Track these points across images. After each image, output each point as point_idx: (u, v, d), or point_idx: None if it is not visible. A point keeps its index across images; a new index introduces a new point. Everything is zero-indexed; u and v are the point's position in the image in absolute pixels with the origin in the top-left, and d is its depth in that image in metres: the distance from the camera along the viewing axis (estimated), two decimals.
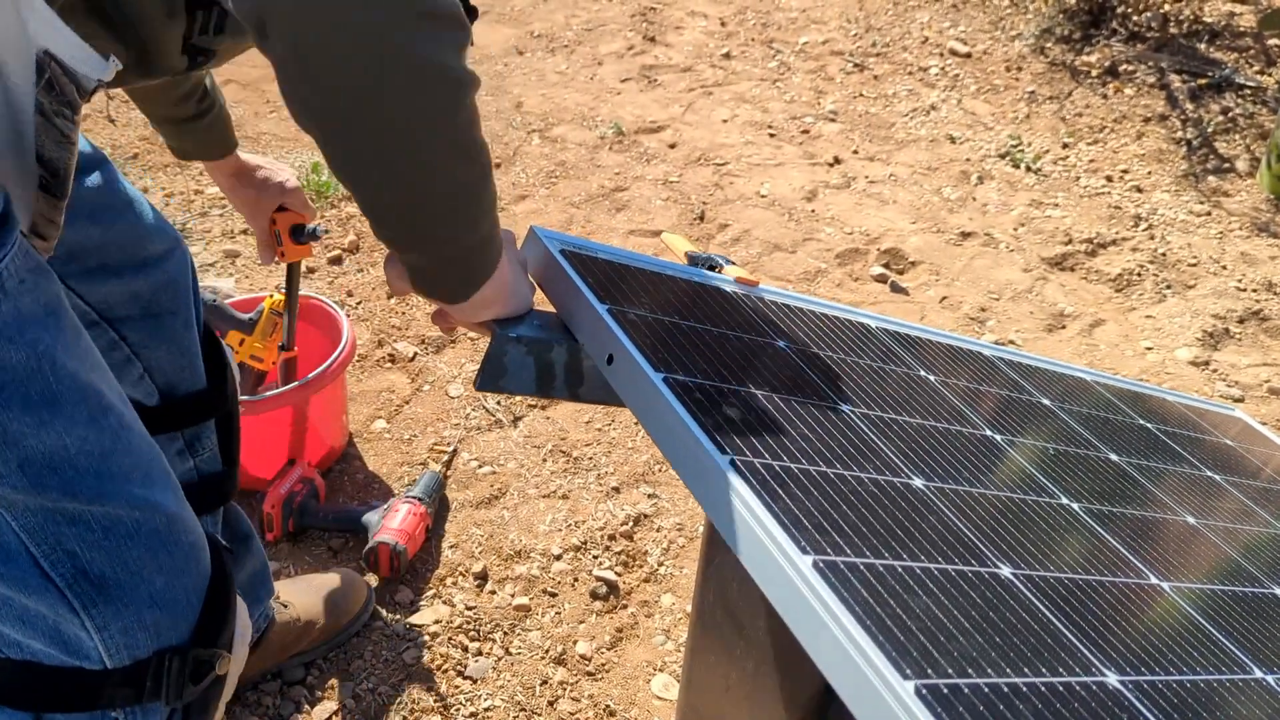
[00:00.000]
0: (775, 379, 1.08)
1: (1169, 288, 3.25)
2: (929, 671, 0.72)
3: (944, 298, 3.09)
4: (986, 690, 0.74)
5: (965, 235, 3.43)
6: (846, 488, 0.93)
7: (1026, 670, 0.79)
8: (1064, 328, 3.04)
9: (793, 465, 0.91)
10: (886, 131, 4.11)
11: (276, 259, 1.82)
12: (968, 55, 4.74)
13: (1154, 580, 1.07)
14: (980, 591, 0.87)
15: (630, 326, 1.03)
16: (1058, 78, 4.57)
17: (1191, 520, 1.30)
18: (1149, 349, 2.96)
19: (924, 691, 0.70)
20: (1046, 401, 1.48)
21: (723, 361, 1.05)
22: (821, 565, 0.79)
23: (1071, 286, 3.24)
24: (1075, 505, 1.16)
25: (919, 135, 4.10)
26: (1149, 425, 1.63)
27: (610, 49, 4.65)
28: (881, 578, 0.81)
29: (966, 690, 0.73)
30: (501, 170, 3.57)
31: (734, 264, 1.35)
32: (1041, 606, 0.89)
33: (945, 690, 0.72)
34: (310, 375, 2.04)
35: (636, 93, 4.25)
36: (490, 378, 1.02)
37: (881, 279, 3.15)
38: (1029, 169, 3.88)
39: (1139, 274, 3.30)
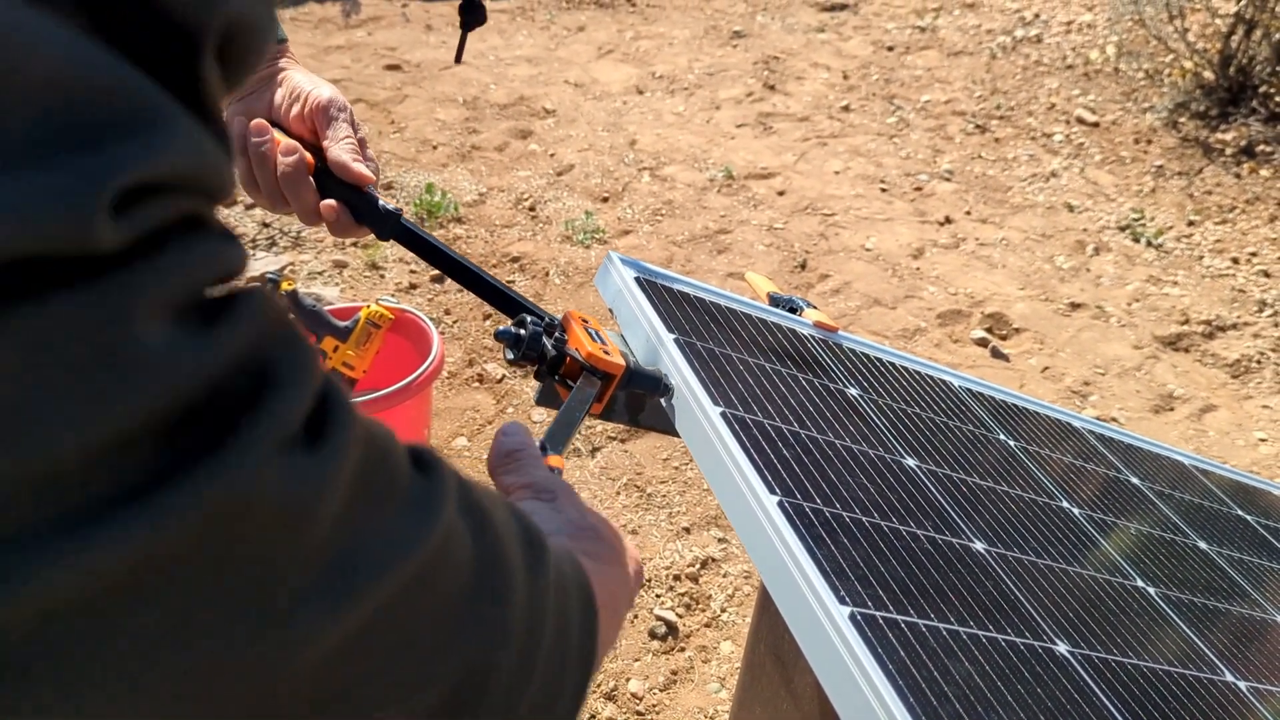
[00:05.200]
0: (840, 425, 1.05)
1: None
2: None
3: (1046, 368, 3.00)
4: None
5: (1075, 306, 3.32)
6: (899, 542, 0.89)
7: None
8: (1172, 410, 2.91)
9: (844, 513, 0.88)
10: (1002, 195, 4.03)
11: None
12: (1095, 124, 4.63)
13: (1229, 678, 1.00)
14: (1030, 666, 0.82)
15: (696, 358, 1.02)
16: (1189, 154, 4.42)
17: None
18: (1263, 440, 2.81)
19: None
20: (1135, 480, 1.41)
21: (787, 402, 1.03)
22: (859, 618, 0.76)
23: (1184, 368, 3.10)
24: (1151, 589, 1.09)
25: (1036, 201, 4.00)
26: (1248, 517, 1.53)
27: (729, 94, 4.68)
28: (923, 638, 0.78)
29: None
30: (609, 205, 3.61)
31: (814, 308, 1.33)
32: (1097, 690, 0.84)
33: None
34: (396, 386, 2.07)
35: (750, 139, 4.26)
36: (550, 395, 1.02)
37: (982, 343, 3.07)
38: (1149, 244, 3.75)
39: (1259, 361, 3.15)
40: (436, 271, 3.04)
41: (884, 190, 3.96)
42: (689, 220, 3.55)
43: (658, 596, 2.06)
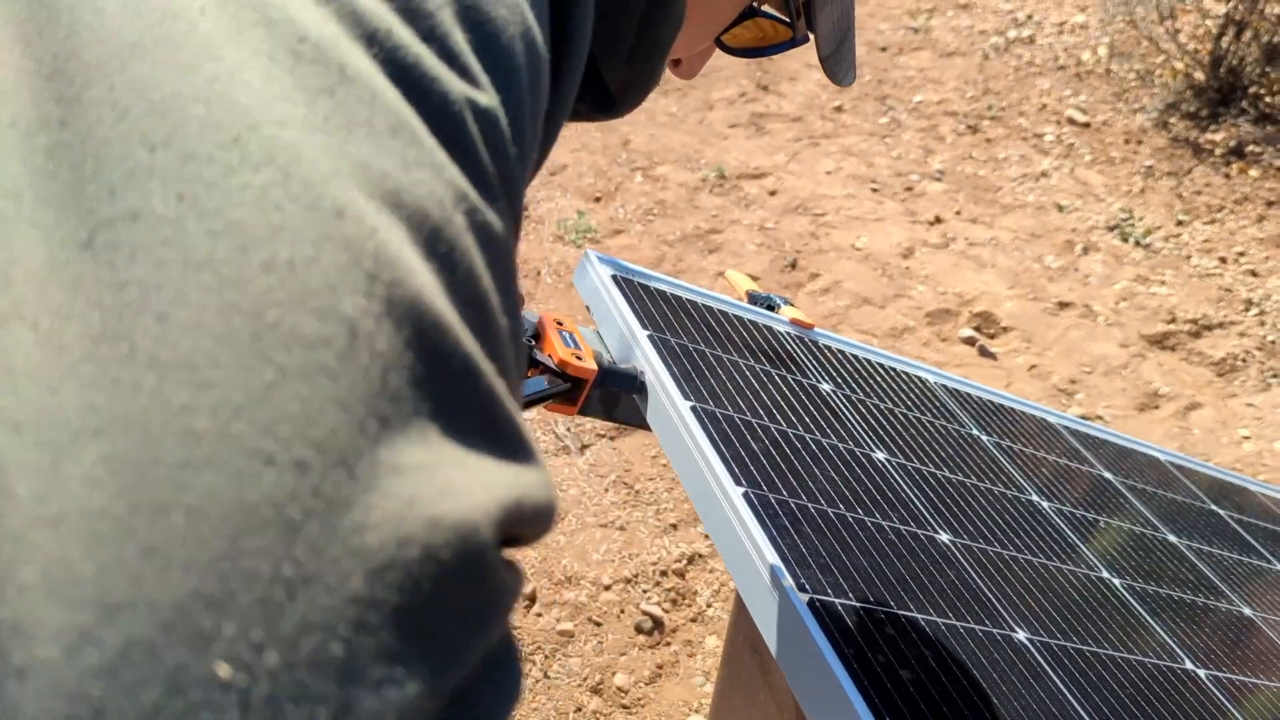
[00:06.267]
0: (811, 420, 1.07)
1: (1275, 377, 3.12)
2: None
3: (1033, 366, 3.02)
4: None
5: (1063, 305, 3.35)
6: (864, 533, 0.91)
7: None
8: (1157, 408, 2.94)
9: (809, 505, 0.91)
10: (993, 195, 4.05)
11: None
12: (1086, 125, 4.65)
13: (1189, 666, 1.02)
14: (988, 652, 0.85)
15: (669, 354, 1.04)
16: (1179, 154, 4.44)
17: (1248, 612, 1.24)
18: (1246, 438, 2.84)
19: None
20: (1108, 475, 1.43)
21: (758, 397, 1.06)
22: (818, 605, 0.78)
23: (1170, 367, 3.13)
24: (1116, 581, 1.12)
25: (1026, 201, 4.03)
26: (1221, 512, 1.56)
27: (723, 95, 4.70)
28: (881, 625, 0.80)
29: None
30: (601, 205, 3.63)
31: (793, 305, 1.35)
32: (1052, 674, 0.87)
33: None
34: None
35: (743, 139, 4.28)
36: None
37: (970, 341, 3.09)
38: (1138, 244, 3.78)
39: (1244, 360, 3.18)
40: None
41: (875, 190, 3.98)
42: (681, 220, 3.58)
43: (644, 592, 2.08)
